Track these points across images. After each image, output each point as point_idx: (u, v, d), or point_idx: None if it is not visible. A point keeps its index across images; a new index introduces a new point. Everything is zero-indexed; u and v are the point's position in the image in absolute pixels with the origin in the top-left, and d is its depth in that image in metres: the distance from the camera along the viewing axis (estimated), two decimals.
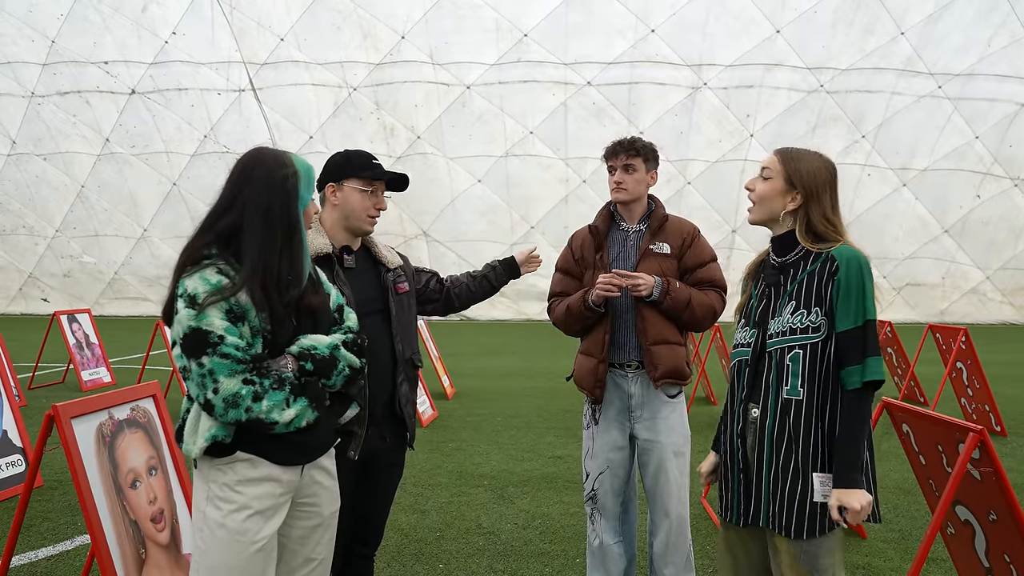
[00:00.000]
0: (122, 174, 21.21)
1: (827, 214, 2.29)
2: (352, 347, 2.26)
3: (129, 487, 2.98)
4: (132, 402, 3.18)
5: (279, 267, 2.08)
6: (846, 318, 2.18)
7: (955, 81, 18.93)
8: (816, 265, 2.24)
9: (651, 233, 3.17)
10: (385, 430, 2.79)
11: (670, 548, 3.14)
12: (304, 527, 2.25)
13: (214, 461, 2.09)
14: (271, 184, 2.11)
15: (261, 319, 2.06)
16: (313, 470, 2.24)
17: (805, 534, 2.18)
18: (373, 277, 2.83)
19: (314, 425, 2.14)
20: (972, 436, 2.65)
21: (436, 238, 21.17)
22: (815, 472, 2.18)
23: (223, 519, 2.07)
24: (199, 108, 20.47)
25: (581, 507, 4.94)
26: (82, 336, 9.96)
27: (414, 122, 20.41)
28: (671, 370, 3.07)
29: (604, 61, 19.44)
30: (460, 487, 5.44)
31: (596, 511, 3.22)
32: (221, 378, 1.99)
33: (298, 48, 19.83)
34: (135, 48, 20.12)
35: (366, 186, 2.72)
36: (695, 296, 3.08)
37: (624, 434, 3.18)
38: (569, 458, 6.23)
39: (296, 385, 2.09)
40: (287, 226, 2.11)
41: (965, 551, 3.05)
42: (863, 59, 18.94)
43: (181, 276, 2.06)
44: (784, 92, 19.44)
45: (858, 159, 19.58)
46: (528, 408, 8.44)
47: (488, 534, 4.50)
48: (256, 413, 2.02)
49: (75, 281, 22.47)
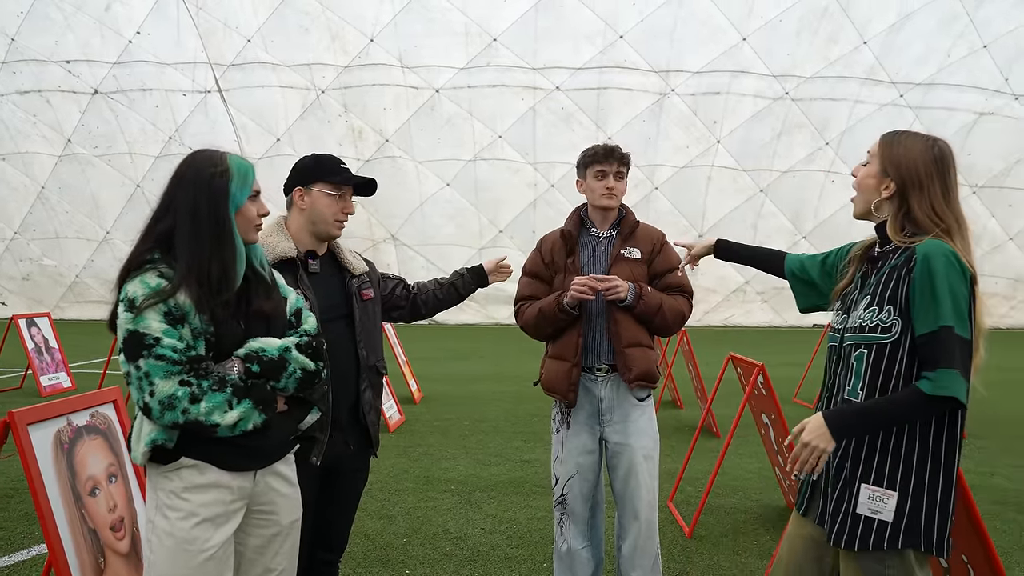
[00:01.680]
0: (84, 175, 20.82)
1: (935, 205, 2.05)
2: (306, 350, 2.22)
3: (88, 495, 2.91)
4: (92, 408, 3.11)
5: (210, 268, 2.05)
6: (922, 321, 1.95)
7: (916, 90, 19.33)
8: (900, 260, 2.04)
9: (622, 239, 3.19)
10: (349, 436, 2.76)
11: (638, 551, 3.16)
12: (262, 536, 2.20)
13: (160, 468, 2.06)
14: (198, 184, 2.09)
15: (203, 320, 2.03)
16: (268, 476, 2.20)
17: (844, 544, 2.03)
18: (338, 283, 2.80)
19: (264, 429, 2.10)
20: None
21: (404, 242, 21.08)
22: (865, 484, 2.01)
23: (171, 527, 2.04)
24: (164, 109, 20.17)
25: (548, 511, 4.95)
26: (41, 340, 9.74)
27: (383, 125, 20.32)
28: (644, 372, 3.09)
29: (573, 66, 19.53)
30: (427, 492, 5.41)
31: (565, 516, 3.22)
32: (157, 380, 1.96)
33: (265, 50, 19.63)
34: (98, 47, 19.77)
35: (334, 190, 2.69)
36: (666, 301, 3.11)
37: (594, 438, 3.18)
38: (536, 462, 6.23)
39: (240, 387, 2.06)
40: (215, 225, 2.08)
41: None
42: (827, 67, 19.26)
43: (124, 282, 2.05)
44: (750, 99, 19.69)
45: (822, 166, 19.92)
46: (496, 413, 8.43)
47: (455, 539, 4.49)
48: (194, 415, 1.98)
49: (34, 284, 21.99)
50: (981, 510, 3.09)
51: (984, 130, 19.44)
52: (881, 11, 18.76)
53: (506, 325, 19.79)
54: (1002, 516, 4.96)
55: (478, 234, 20.88)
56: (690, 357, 8.22)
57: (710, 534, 4.60)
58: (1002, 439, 7.27)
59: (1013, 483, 5.77)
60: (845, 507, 2.03)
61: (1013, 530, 4.71)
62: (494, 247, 20.62)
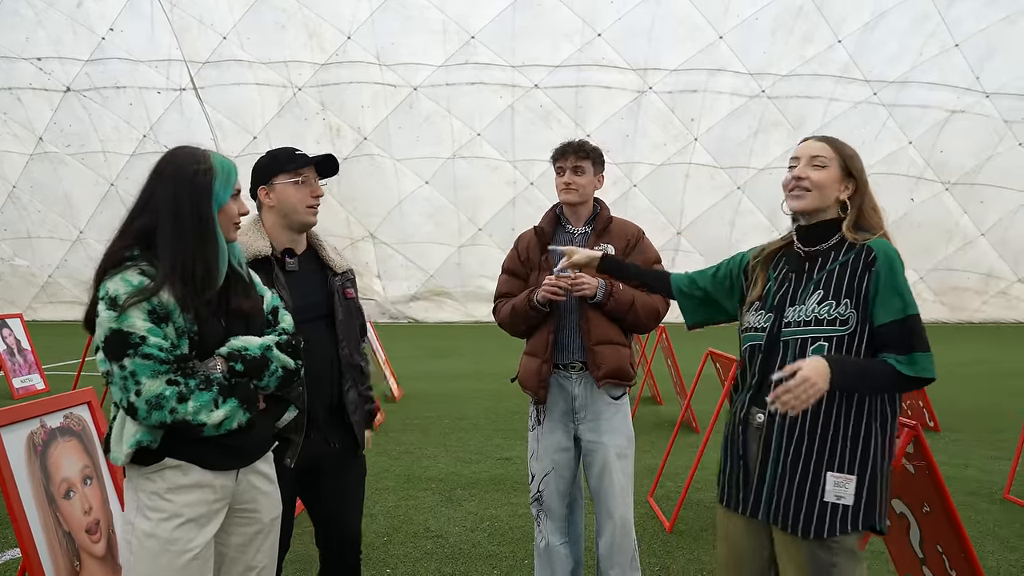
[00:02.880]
0: (56, 174, 20.52)
1: (874, 204, 2.23)
2: (286, 348, 2.22)
3: (62, 497, 2.87)
4: (65, 409, 3.07)
5: (194, 266, 2.04)
6: (887, 311, 2.07)
7: (889, 88, 19.56)
8: (850, 256, 2.14)
9: (596, 235, 3.20)
10: (331, 435, 2.73)
11: (615, 549, 3.16)
12: (244, 534, 2.20)
13: (142, 469, 2.04)
14: (180, 181, 2.06)
15: (186, 319, 2.02)
16: (250, 475, 2.19)
17: (812, 533, 2.08)
18: (318, 281, 2.76)
19: (247, 428, 2.09)
20: (907, 432, 2.73)
21: (383, 240, 21.00)
22: (831, 472, 2.08)
23: (153, 529, 2.02)
24: (138, 107, 19.93)
25: (528, 508, 4.95)
26: (13, 342, 9.59)
27: (361, 123, 20.22)
28: (614, 370, 3.09)
29: (551, 64, 19.55)
30: (408, 490, 5.40)
31: (542, 513, 3.23)
32: (143, 379, 1.94)
33: (241, 47, 19.46)
34: (70, 44, 19.50)
35: (295, 177, 2.65)
36: (638, 298, 3.10)
37: (569, 435, 3.19)
38: (517, 460, 6.23)
39: (225, 386, 2.05)
40: (198, 223, 2.06)
41: (901, 542, 3.14)
42: (802, 65, 19.44)
43: (102, 280, 2.01)
44: (727, 97, 19.82)
45: None
46: (476, 410, 8.42)
47: (436, 537, 4.48)
48: (182, 415, 1.96)
49: (6, 285, 21.63)
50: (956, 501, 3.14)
51: (956, 128, 19.72)
52: (855, 10, 18.95)
53: (485, 323, 19.77)
54: (975, 507, 5.03)
55: (457, 232, 20.86)
56: (669, 353, 8.26)
57: (690, 529, 4.63)
58: (975, 432, 7.38)
59: (986, 474, 5.86)
60: (808, 497, 2.08)
61: (986, 520, 4.78)
62: (473, 245, 20.60)
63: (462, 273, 21.06)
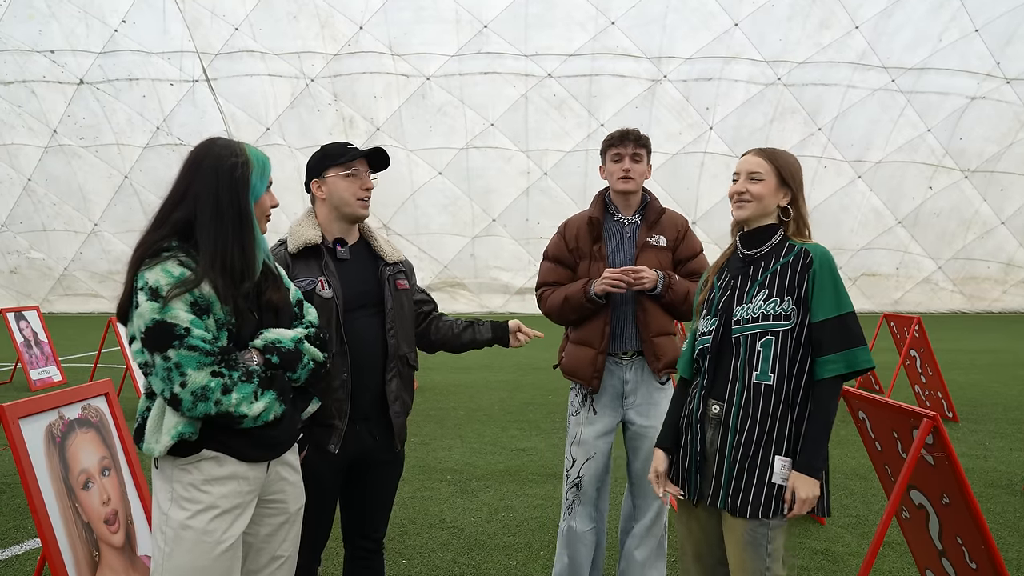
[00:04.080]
0: (71, 167, 20.67)
1: (805, 208, 2.44)
2: (315, 341, 2.26)
3: (81, 488, 2.91)
4: (83, 401, 3.10)
5: (233, 258, 2.05)
6: (823, 308, 2.27)
7: (908, 75, 19.34)
8: (789, 258, 2.34)
9: (648, 226, 3.22)
10: (375, 428, 2.72)
11: (649, 533, 3.25)
12: (272, 524, 2.23)
13: (178, 460, 2.05)
14: (219, 173, 2.08)
15: (226, 312, 2.04)
16: (279, 466, 2.23)
17: (760, 514, 2.25)
18: (370, 271, 2.79)
19: (280, 419, 2.13)
20: (926, 422, 2.72)
21: (396, 231, 21.02)
22: (778, 456, 2.26)
23: (189, 520, 2.04)
24: (151, 99, 20.01)
25: (545, 499, 4.97)
26: (30, 334, 9.70)
27: (373, 114, 20.22)
28: (672, 360, 3.16)
29: (564, 53, 19.45)
30: (423, 481, 5.42)
31: (577, 498, 3.26)
32: (189, 371, 1.95)
33: (253, 38, 19.49)
34: (83, 37, 19.59)
35: (346, 170, 2.72)
36: (692, 289, 3.16)
37: (615, 420, 3.24)
38: (532, 451, 6.25)
39: (264, 378, 2.08)
40: (237, 216, 2.08)
41: (920, 534, 3.12)
42: (819, 52, 19.24)
43: (139, 270, 2.01)
44: (743, 85, 19.67)
45: (815, 151, 19.92)
46: (491, 401, 8.45)
47: (452, 528, 4.50)
48: (226, 406, 1.99)
49: (23, 278, 21.86)
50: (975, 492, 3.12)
51: (976, 114, 19.47)
52: None
53: (500, 314, 19.75)
54: (995, 498, 5.00)
55: (471, 223, 20.84)
56: None
57: None
58: (995, 422, 7.32)
59: (1005, 465, 5.82)
60: (757, 479, 2.27)
61: (1006, 511, 4.75)
62: (487, 236, 20.58)
63: (476, 264, 21.04)
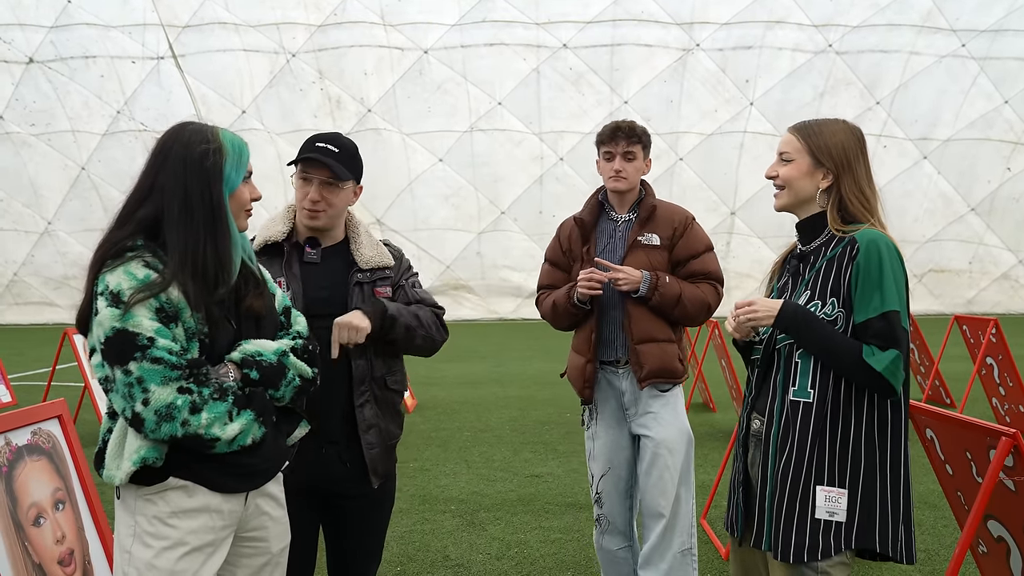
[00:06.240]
0: (20, 157, 20.82)
1: (861, 186, 2.33)
2: (302, 354, 2.23)
3: (31, 525, 2.92)
4: (34, 424, 3.11)
5: (205, 259, 2.04)
6: (864, 308, 2.21)
7: (981, 38, 19.23)
8: (838, 250, 2.29)
9: (639, 224, 3.34)
10: (344, 454, 2.71)
11: (655, 551, 3.30)
12: (251, 566, 2.21)
13: (142, 490, 2.04)
14: (188, 163, 2.07)
15: (197, 319, 2.03)
16: (259, 498, 2.20)
17: (807, 556, 2.21)
18: (340, 276, 2.78)
19: (260, 444, 2.10)
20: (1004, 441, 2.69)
21: (391, 227, 21.06)
22: (820, 486, 2.22)
23: (154, 559, 2.02)
24: (110, 79, 20.16)
25: (563, 533, 4.96)
26: None
27: (364, 93, 20.30)
28: (658, 370, 3.25)
29: (582, 20, 19.48)
30: (424, 513, 5.43)
31: (602, 515, 3.46)
32: (152, 386, 1.93)
33: (226, 8, 19.61)
34: (32, 10, 19.76)
35: (301, 174, 2.69)
36: (686, 290, 3.24)
37: (624, 433, 3.40)
38: (549, 477, 6.24)
39: (240, 396, 2.05)
40: (209, 211, 2.06)
41: (999, 571, 3.09)
42: (876, 14, 19.18)
43: (100, 272, 2.01)
44: (788, 53, 19.62)
45: (872, 129, 19.82)
46: (500, 421, 8.44)
47: (456, 566, 4.50)
48: (195, 427, 1.96)
49: None
50: None
51: None
52: None
53: (511, 321, 19.76)
54: None
55: (477, 216, 20.87)
56: (723, 352, 8.21)
57: None
58: None
59: None
60: (799, 517, 2.21)
61: None
62: (495, 231, 20.59)
63: (483, 263, 21.05)
